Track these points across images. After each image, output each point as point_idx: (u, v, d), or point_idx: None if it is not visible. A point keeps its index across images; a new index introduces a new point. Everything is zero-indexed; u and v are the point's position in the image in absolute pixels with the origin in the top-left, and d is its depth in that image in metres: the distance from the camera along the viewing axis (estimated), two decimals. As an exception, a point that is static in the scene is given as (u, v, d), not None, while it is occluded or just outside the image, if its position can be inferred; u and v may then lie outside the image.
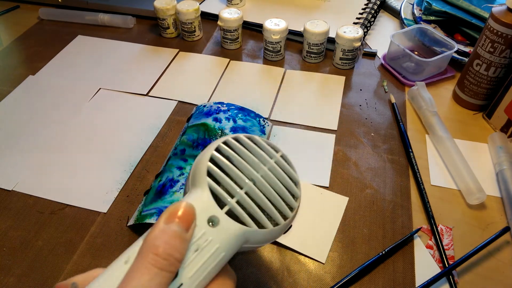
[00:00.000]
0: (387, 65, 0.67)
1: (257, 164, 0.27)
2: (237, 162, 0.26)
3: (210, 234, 0.23)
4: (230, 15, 0.67)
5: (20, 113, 0.58)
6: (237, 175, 0.26)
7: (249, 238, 0.25)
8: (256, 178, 0.26)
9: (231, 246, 0.24)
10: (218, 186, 0.25)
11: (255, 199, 0.26)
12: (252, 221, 0.25)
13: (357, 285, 0.40)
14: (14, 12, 0.83)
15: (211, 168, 0.25)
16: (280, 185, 0.27)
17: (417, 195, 0.48)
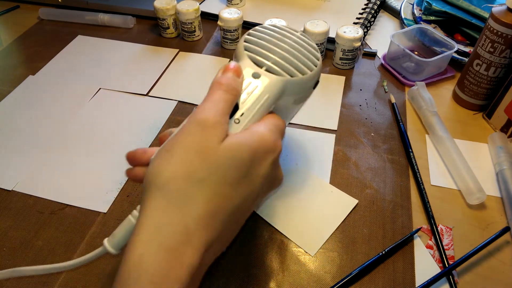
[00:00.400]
0: (387, 65, 0.67)
1: (285, 35, 0.36)
2: (267, 36, 0.36)
3: (255, 83, 0.33)
4: (230, 15, 0.67)
5: (20, 113, 0.58)
6: (267, 45, 0.35)
7: (286, 86, 0.34)
8: (285, 42, 0.35)
9: (273, 90, 0.33)
10: (256, 55, 0.34)
11: (284, 59, 0.34)
12: (286, 73, 0.34)
13: (357, 285, 0.40)
14: (14, 12, 0.83)
15: (247, 45, 0.35)
16: (304, 48, 0.36)
17: (417, 195, 0.48)
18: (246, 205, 0.29)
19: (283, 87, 0.33)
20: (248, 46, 0.35)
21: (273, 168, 0.31)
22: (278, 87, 0.33)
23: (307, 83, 0.35)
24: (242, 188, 0.28)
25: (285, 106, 0.36)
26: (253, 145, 0.29)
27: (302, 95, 0.37)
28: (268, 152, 0.30)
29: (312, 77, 0.36)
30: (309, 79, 0.35)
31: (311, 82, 0.36)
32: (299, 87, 0.35)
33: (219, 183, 0.27)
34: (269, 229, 0.44)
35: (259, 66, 0.34)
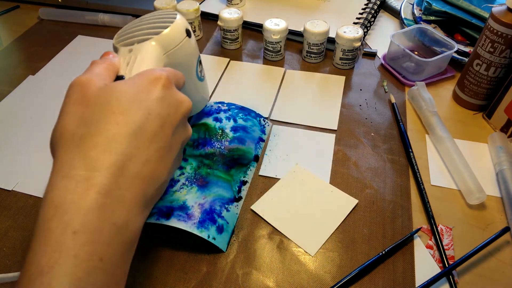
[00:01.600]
0: (387, 65, 0.67)
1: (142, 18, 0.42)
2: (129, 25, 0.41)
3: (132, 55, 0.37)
4: (230, 15, 0.67)
5: (20, 113, 0.58)
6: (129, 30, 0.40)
7: (161, 43, 0.38)
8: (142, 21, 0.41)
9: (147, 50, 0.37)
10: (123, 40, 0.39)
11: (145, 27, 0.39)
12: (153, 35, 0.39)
13: (357, 285, 0.40)
14: (14, 12, 0.83)
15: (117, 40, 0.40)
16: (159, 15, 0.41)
17: (417, 195, 0.48)
18: (151, 125, 0.30)
19: (155, 45, 0.38)
20: (116, 39, 0.40)
21: (167, 93, 0.32)
22: (151, 46, 0.38)
23: (174, 33, 0.39)
24: (135, 111, 0.30)
25: (178, 62, 0.40)
26: (131, 79, 0.32)
27: (177, 45, 0.40)
28: (152, 80, 0.32)
29: (175, 27, 0.40)
30: (173, 30, 0.39)
31: (178, 32, 0.40)
32: (169, 38, 0.39)
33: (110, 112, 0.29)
34: (269, 229, 0.44)
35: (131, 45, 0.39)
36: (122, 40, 0.39)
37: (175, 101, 0.33)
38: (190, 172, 0.45)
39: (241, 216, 0.45)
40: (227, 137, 0.48)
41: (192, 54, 0.43)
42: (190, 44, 0.42)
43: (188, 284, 0.39)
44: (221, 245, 0.41)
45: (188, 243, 0.42)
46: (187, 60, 0.43)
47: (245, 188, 0.48)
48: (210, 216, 0.42)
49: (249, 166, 0.49)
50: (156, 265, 0.41)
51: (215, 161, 0.46)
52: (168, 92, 0.32)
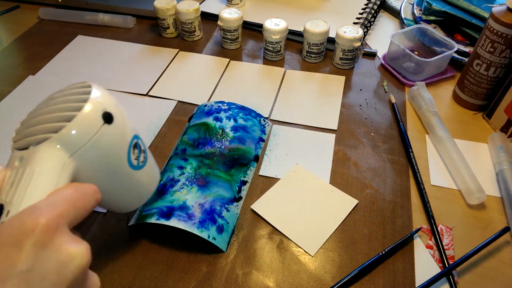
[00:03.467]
0: (387, 65, 0.67)
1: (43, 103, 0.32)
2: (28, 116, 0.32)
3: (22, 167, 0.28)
4: (230, 15, 0.67)
5: (20, 113, 0.58)
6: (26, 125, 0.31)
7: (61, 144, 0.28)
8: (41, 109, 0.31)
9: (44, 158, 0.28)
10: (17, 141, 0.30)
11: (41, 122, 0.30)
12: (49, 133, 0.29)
13: (357, 285, 0.40)
14: (14, 12, 0.83)
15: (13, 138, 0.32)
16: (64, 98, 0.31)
17: (417, 195, 0.48)
18: None
19: (58, 146, 0.28)
20: (14, 137, 0.31)
21: (42, 255, 0.22)
22: (50, 149, 0.28)
23: (82, 126, 0.29)
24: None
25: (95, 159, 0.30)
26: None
27: (90, 139, 0.29)
28: (16, 240, 0.22)
29: (84, 117, 0.29)
30: (80, 122, 0.28)
31: (90, 121, 0.29)
32: (76, 135, 0.28)
33: None
34: (269, 229, 0.44)
35: (26, 149, 0.29)
36: (19, 138, 0.30)
37: (58, 263, 0.23)
38: (190, 172, 0.45)
39: (241, 216, 0.45)
40: (227, 136, 0.48)
41: (117, 143, 0.32)
42: (112, 131, 0.30)
43: (188, 284, 0.39)
44: (221, 245, 0.41)
45: (188, 243, 0.42)
46: (109, 153, 0.31)
47: (245, 188, 0.48)
48: (210, 216, 0.42)
49: (249, 166, 0.49)
50: (156, 265, 0.41)
51: (215, 161, 0.46)
52: (43, 253, 0.22)
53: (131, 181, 0.35)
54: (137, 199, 0.37)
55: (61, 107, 0.30)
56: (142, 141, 0.36)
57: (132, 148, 0.33)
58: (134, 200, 0.37)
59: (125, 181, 0.34)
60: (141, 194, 0.37)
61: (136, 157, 0.34)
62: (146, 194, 0.38)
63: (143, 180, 0.36)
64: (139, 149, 0.35)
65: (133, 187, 0.36)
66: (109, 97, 0.31)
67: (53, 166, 0.27)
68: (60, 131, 0.28)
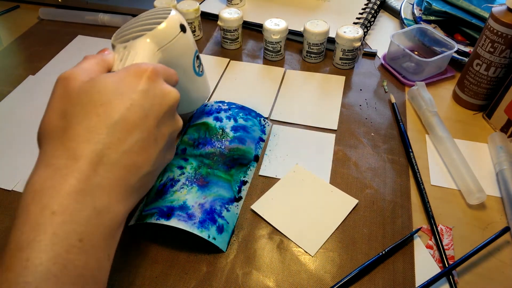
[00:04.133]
0: (387, 65, 0.67)
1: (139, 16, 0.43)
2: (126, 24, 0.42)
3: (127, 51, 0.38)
4: (230, 15, 0.67)
5: (20, 113, 0.58)
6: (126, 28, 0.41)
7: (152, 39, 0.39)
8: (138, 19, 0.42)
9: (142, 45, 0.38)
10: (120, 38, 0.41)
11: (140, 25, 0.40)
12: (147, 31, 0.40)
13: (357, 285, 0.40)
14: (14, 12, 0.83)
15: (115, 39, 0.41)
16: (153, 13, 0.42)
17: (417, 195, 0.48)
18: (132, 115, 0.31)
19: (149, 41, 0.39)
20: (114, 37, 0.41)
21: (152, 85, 0.32)
22: (145, 42, 0.38)
23: (167, 28, 0.40)
24: (116, 102, 0.30)
25: (173, 57, 0.41)
26: (116, 73, 0.32)
27: (171, 40, 0.40)
28: (137, 73, 0.32)
29: (169, 23, 0.40)
30: (166, 26, 0.40)
31: (172, 27, 0.40)
32: (163, 34, 0.40)
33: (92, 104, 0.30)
34: (269, 229, 0.44)
35: (126, 42, 0.39)
36: (119, 38, 0.40)
37: (160, 92, 0.33)
38: (191, 172, 0.45)
39: (241, 216, 0.45)
40: (227, 136, 0.48)
41: (188, 49, 0.43)
42: (185, 39, 0.42)
43: (188, 284, 0.39)
44: (221, 245, 0.41)
45: (188, 243, 0.42)
46: (182, 55, 0.43)
47: (245, 188, 0.48)
48: (211, 216, 0.42)
49: (249, 166, 0.49)
50: (156, 265, 0.41)
51: (216, 161, 0.46)
52: (153, 84, 0.32)
53: (193, 82, 0.46)
54: (194, 101, 0.49)
55: (153, 17, 0.41)
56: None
57: (195, 57, 0.45)
58: (192, 101, 0.49)
59: (190, 81, 0.45)
60: (198, 97, 0.49)
61: (198, 65, 0.46)
62: (203, 97, 0.50)
63: (200, 86, 0.48)
64: (200, 60, 0.47)
65: (194, 88, 0.47)
66: (183, 18, 0.43)
67: (148, 52, 0.38)
68: (153, 30, 0.39)
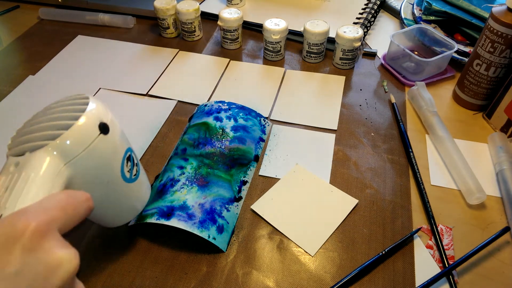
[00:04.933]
0: (387, 65, 0.67)
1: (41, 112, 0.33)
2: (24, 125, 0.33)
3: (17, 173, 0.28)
4: (230, 15, 0.67)
5: (20, 113, 0.58)
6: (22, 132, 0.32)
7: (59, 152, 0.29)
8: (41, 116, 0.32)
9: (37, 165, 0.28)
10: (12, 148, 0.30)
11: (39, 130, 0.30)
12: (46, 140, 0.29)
13: (357, 285, 0.40)
14: (14, 12, 0.83)
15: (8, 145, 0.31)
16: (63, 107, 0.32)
17: (417, 195, 0.48)
18: None
19: (54, 153, 0.29)
20: (9, 144, 0.32)
21: (30, 259, 0.22)
22: (46, 156, 0.28)
23: (78, 134, 0.30)
24: None
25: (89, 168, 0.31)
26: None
27: (85, 148, 0.30)
28: (6, 242, 0.22)
29: (81, 127, 0.30)
30: (76, 131, 0.29)
31: (86, 131, 0.30)
32: (72, 142, 0.29)
33: None
34: (269, 229, 0.44)
35: (21, 156, 0.29)
36: (15, 145, 0.30)
37: (45, 267, 0.22)
38: (191, 172, 0.45)
39: (241, 216, 0.45)
40: (227, 136, 0.48)
41: (112, 153, 0.33)
42: (106, 143, 0.32)
43: (188, 284, 0.39)
44: (221, 245, 0.41)
45: (188, 243, 0.42)
46: (104, 164, 0.32)
47: (245, 188, 0.48)
48: (211, 216, 0.42)
49: (249, 166, 0.49)
50: (156, 265, 0.41)
51: (216, 161, 0.46)
52: (34, 256, 0.22)
53: (123, 193, 0.36)
54: (126, 213, 0.38)
55: (59, 116, 0.30)
56: (135, 154, 0.37)
57: (125, 160, 0.34)
58: (123, 214, 0.38)
59: (117, 192, 0.35)
60: (130, 208, 0.38)
61: (129, 169, 0.35)
62: (134, 209, 0.39)
63: (134, 194, 0.37)
64: (132, 162, 0.36)
65: (124, 199, 0.36)
66: (105, 110, 0.33)
67: (48, 172, 0.28)
68: (57, 138, 0.29)
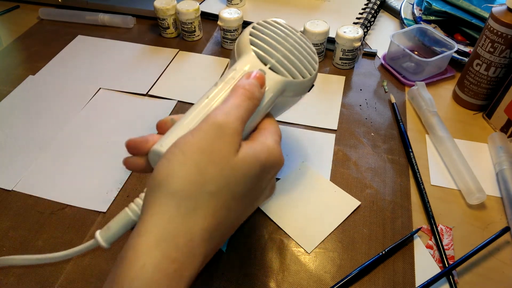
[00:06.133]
0: (387, 65, 0.67)
1: (288, 34, 0.36)
2: (272, 33, 0.35)
3: None
4: (230, 15, 0.67)
5: (20, 113, 0.58)
6: (273, 43, 0.34)
7: (286, 87, 0.34)
8: (289, 43, 0.35)
9: (275, 89, 0.33)
10: (262, 51, 0.34)
11: (288, 60, 0.35)
12: (288, 74, 0.34)
13: (357, 285, 0.40)
14: (14, 12, 0.83)
15: (253, 39, 0.34)
16: (305, 51, 0.37)
17: (417, 195, 0.48)
18: (245, 215, 0.31)
19: (283, 87, 0.34)
20: (254, 40, 0.34)
21: (273, 180, 0.32)
22: (279, 87, 0.34)
23: (305, 85, 0.36)
24: (246, 201, 0.29)
25: (280, 104, 0.36)
26: (263, 160, 0.29)
27: (298, 96, 0.37)
28: (274, 166, 0.30)
29: (311, 80, 0.36)
30: (308, 82, 0.36)
31: (309, 85, 0.37)
32: (297, 88, 0.35)
33: (228, 197, 0.27)
34: (269, 229, 0.44)
35: (263, 63, 0.34)
36: (259, 47, 0.35)
37: (272, 189, 0.33)
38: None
39: (241, 216, 0.45)
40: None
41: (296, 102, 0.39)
42: (304, 95, 0.38)
43: (188, 284, 0.39)
44: (221, 244, 0.42)
45: (188, 243, 0.43)
46: (288, 106, 0.39)
47: (245, 188, 0.48)
48: (210, 216, 0.42)
49: (249, 166, 0.50)
50: (156, 265, 0.41)
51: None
52: (273, 180, 0.33)
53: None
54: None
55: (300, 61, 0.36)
56: None
57: None
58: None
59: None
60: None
61: None
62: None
63: None
64: None
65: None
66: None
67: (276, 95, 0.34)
68: (295, 78, 0.35)
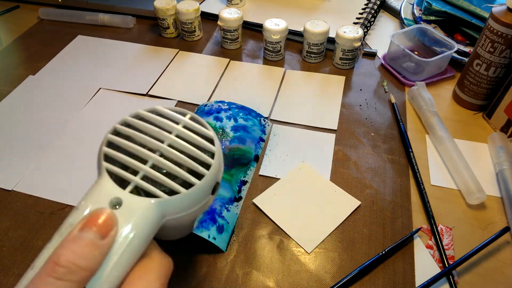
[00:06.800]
0: (387, 65, 0.67)
1: (162, 134, 0.26)
2: (138, 138, 0.26)
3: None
4: (230, 15, 0.67)
5: (20, 113, 0.58)
6: (138, 151, 0.25)
7: (165, 209, 0.24)
8: (162, 148, 0.25)
9: (143, 224, 0.23)
10: (120, 168, 0.24)
11: (164, 169, 0.25)
12: (164, 191, 0.24)
13: (357, 285, 0.40)
14: (14, 12, 0.83)
15: (107, 151, 0.25)
16: (191, 147, 0.26)
17: (417, 195, 0.48)
18: None
19: (161, 212, 0.24)
20: (110, 153, 0.25)
21: None
22: (152, 215, 0.23)
23: (197, 195, 0.25)
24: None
25: (171, 227, 0.26)
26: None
27: (195, 208, 0.26)
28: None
29: (203, 185, 0.25)
30: (199, 190, 0.25)
31: (206, 191, 0.26)
32: (185, 203, 0.25)
33: None
34: (269, 229, 0.44)
35: (121, 186, 0.24)
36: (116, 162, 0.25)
37: None
38: (190, 172, 0.45)
39: (241, 216, 0.45)
40: (227, 136, 0.48)
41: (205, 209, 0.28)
42: (211, 201, 0.28)
43: (188, 284, 0.39)
44: (221, 245, 0.41)
45: (188, 243, 0.42)
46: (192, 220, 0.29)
47: (245, 188, 0.48)
48: (211, 216, 0.42)
49: (249, 166, 0.49)
50: (156, 265, 0.41)
51: (215, 161, 0.46)
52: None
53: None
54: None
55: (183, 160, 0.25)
56: None
57: None
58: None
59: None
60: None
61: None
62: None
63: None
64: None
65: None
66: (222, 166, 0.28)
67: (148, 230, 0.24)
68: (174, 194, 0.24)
